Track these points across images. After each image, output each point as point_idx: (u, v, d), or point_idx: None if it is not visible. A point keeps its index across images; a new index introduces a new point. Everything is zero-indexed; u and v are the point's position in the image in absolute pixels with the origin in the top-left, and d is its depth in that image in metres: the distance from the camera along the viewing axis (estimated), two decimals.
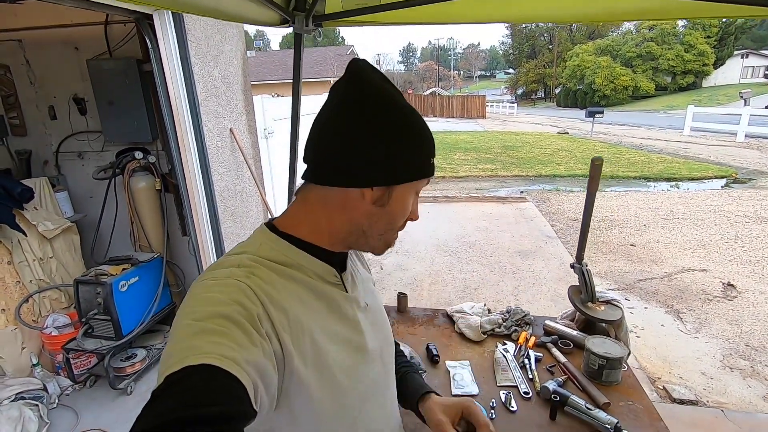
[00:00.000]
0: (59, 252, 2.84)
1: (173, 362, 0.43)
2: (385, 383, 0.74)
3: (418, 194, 0.68)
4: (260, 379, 0.47)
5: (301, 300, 0.59)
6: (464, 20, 1.41)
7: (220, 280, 0.54)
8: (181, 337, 0.47)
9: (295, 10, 1.30)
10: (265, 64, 18.78)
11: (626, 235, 5.30)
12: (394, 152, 0.60)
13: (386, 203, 0.62)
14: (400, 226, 0.67)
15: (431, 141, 0.65)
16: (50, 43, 2.97)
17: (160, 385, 0.42)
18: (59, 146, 3.18)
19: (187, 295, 0.54)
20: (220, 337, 0.46)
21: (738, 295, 3.73)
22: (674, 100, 31.70)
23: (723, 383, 2.64)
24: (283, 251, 0.62)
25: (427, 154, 0.64)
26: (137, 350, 2.70)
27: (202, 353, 0.43)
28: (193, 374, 0.42)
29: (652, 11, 1.30)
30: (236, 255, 0.61)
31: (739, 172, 8.83)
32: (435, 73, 64.97)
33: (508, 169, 9.98)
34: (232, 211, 2.83)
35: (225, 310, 0.49)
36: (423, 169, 0.64)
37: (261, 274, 0.57)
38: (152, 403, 0.40)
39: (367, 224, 0.63)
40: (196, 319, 0.48)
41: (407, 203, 0.65)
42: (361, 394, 0.66)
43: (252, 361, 0.47)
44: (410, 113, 0.62)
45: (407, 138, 0.61)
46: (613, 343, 1.28)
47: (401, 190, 0.63)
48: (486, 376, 1.28)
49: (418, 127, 0.63)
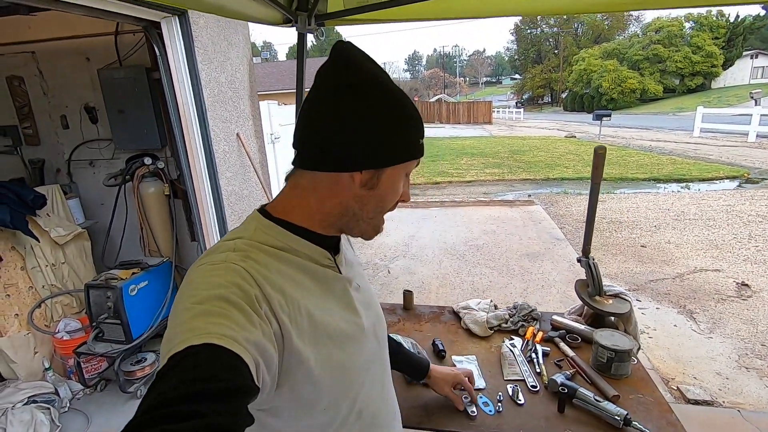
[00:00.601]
0: (71, 258, 2.88)
1: (176, 343, 0.44)
2: (380, 360, 0.76)
3: (408, 176, 0.68)
4: (261, 358, 0.48)
5: (295, 281, 0.60)
6: (466, 15, 1.42)
7: (216, 264, 0.55)
8: (182, 319, 0.48)
9: (298, 10, 1.32)
10: (272, 74, 19.01)
11: (637, 237, 5.23)
12: (382, 135, 0.60)
13: (375, 186, 0.62)
14: (389, 208, 0.67)
15: (419, 122, 0.65)
16: (62, 54, 3.05)
17: (163, 365, 0.42)
18: (71, 155, 3.24)
19: (185, 280, 0.55)
20: (220, 318, 0.47)
21: (753, 294, 3.65)
22: (683, 102, 31.39)
23: (739, 383, 2.58)
24: (277, 236, 0.63)
25: (416, 135, 0.64)
26: (147, 354, 2.71)
27: (204, 333, 0.44)
28: (196, 353, 0.42)
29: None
30: (231, 240, 0.61)
31: (752, 172, 8.69)
32: (441, 80, 65.21)
33: (515, 173, 9.94)
34: (240, 215, 2.85)
35: (223, 293, 0.50)
36: (411, 151, 0.63)
37: (256, 257, 0.58)
38: (157, 382, 0.40)
39: (357, 207, 0.64)
40: (196, 302, 0.49)
41: (397, 185, 0.65)
42: (359, 371, 0.67)
43: (252, 340, 0.47)
44: (397, 95, 0.62)
45: (394, 120, 0.61)
46: (621, 335, 1.26)
47: (390, 173, 0.62)
48: (493, 370, 1.27)
49: (404, 108, 0.62)
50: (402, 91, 0.63)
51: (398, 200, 0.68)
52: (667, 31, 34.53)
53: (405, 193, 0.68)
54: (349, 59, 0.61)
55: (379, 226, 0.69)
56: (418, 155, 0.65)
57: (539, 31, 52.22)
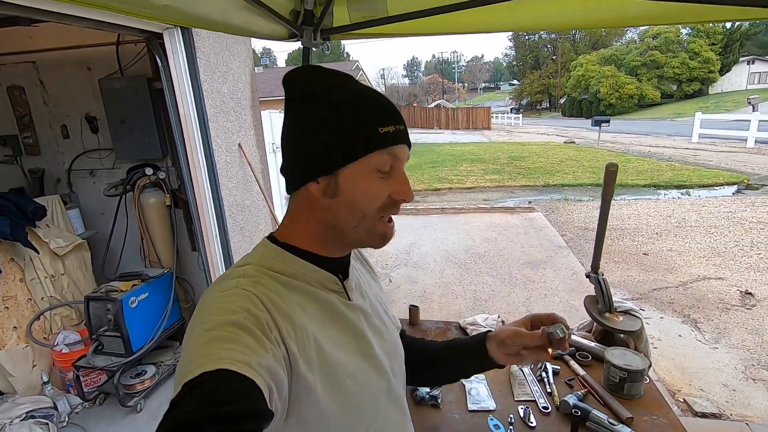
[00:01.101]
0: (70, 269, 2.85)
1: (189, 370, 0.44)
2: (394, 391, 0.71)
3: (394, 170, 0.61)
4: (273, 383, 0.48)
5: (303, 309, 0.60)
6: (471, 30, 1.41)
7: (227, 291, 0.56)
8: (195, 346, 0.48)
9: (304, 25, 1.31)
10: (272, 81, 19.05)
11: (638, 244, 5.22)
12: (326, 138, 0.58)
13: (337, 192, 0.59)
14: (377, 209, 0.60)
15: (378, 110, 0.59)
16: (63, 63, 3.04)
17: (178, 393, 0.42)
18: (71, 164, 3.23)
19: (197, 308, 0.55)
20: (232, 344, 0.47)
21: (757, 303, 3.63)
22: (681, 107, 31.54)
23: (746, 395, 2.55)
24: (284, 261, 0.63)
25: (372, 125, 0.58)
26: (147, 367, 2.68)
27: (217, 359, 0.45)
28: (210, 379, 0.43)
29: (658, 16, 1.29)
30: (241, 267, 0.62)
31: (751, 178, 8.70)
32: (439, 86, 65.51)
33: (515, 180, 9.94)
34: (242, 226, 2.83)
35: (235, 318, 0.51)
36: (367, 143, 0.58)
37: (266, 282, 0.59)
38: (173, 408, 0.40)
39: (331, 219, 0.61)
40: (208, 328, 0.50)
41: (365, 185, 0.59)
42: (371, 402, 0.65)
43: (264, 365, 0.47)
44: (346, 94, 0.59)
45: (340, 119, 0.58)
46: (633, 354, 1.24)
47: (348, 174, 0.58)
48: (503, 390, 1.25)
49: (352, 104, 0.59)
50: (358, 88, 0.61)
51: (397, 199, 0.61)
52: (664, 37, 34.78)
53: (397, 191, 0.61)
54: (290, 85, 0.62)
55: (374, 231, 0.62)
56: (379, 145, 0.58)
57: (537, 37, 52.54)
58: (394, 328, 0.78)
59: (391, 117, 0.60)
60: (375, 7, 1.29)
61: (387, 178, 0.60)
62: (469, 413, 1.14)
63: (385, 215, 0.62)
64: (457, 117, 32.27)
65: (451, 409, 1.18)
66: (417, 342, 0.90)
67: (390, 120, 0.59)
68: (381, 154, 0.58)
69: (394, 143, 0.59)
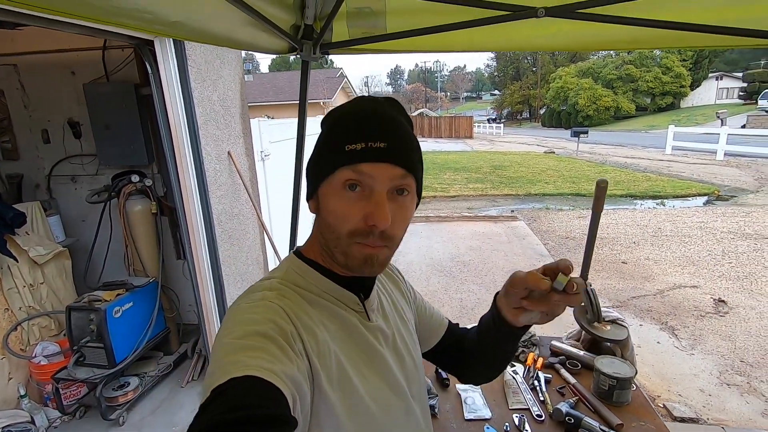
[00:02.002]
0: (50, 278, 2.77)
1: (218, 376, 0.45)
2: (414, 414, 0.69)
3: (371, 191, 0.56)
4: (297, 393, 0.49)
5: (324, 325, 0.61)
6: (467, 49, 1.45)
7: (254, 303, 0.58)
8: (223, 354, 0.49)
9: (304, 39, 1.33)
10: (255, 86, 18.96)
11: (617, 253, 5.37)
12: (312, 156, 0.63)
13: (319, 209, 0.62)
14: (347, 233, 0.57)
15: (348, 127, 0.58)
16: (46, 67, 2.97)
17: (207, 397, 0.43)
18: (52, 170, 3.15)
19: (224, 319, 0.57)
20: (259, 352, 0.49)
21: (729, 310, 3.78)
22: (654, 120, 32.70)
23: (721, 400, 2.65)
24: (307, 277, 0.64)
25: (341, 141, 0.56)
26: (130, 378, 2.62)
27: (244, 366, 0.46)
28: (238, 384, 0.44)
29: (641, 40, 1.37)
30: (267, 280, 0.64)
31: (721, 190, 9.08)
32: (422, 94, 66.18)
33: (498, 189, 10.11)
34: (230, 234, 2.80)
35: (261, 329, 0.52)
36: (333, 160, 0.57)
37: (290, 296, 0.60)
38: (202, 412, 0.41)
39: (321, 236, 0.63)
40: (236, 338, 0.51)
41: (334, 204, 0.58)
42: (389, 425, 0.64)
43: (289, 374, 0.48)
44: (336, 113, 0.62)
45: (322, 136, 0.62)
46: (621, 363, 1.29)
47: (322, 192, 0.60)
48: (497, 399, 1.28)
49: (333, 122, 0.61)
50: (355, 107, 0.61)
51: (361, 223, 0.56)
52: (638, 52, 36.05)
53: (368, 214, 0.55)
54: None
55: (350, 254, 0.58)
56: (344, 162, 0.56)
57: None
58: (417, 349, 0.77)
59: (364, 134, 0.56)
60: (374, 25, 1.32)
61: (361, 199, 0.57)
62: (466, 422, 1.17)
63: (361, 241, 0.57)
64: (440, 126, 32.65)
65: (448, 418, 1.20)
66: (467, 333, 0.85)
67: (361, 137, 0.55)
68: (345, 170, 0.56)
69: (360, 161, 0.55)
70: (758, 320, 3.58)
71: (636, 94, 36.12)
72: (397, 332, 0.72)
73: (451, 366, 0.89)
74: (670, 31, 1.24)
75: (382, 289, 0.76)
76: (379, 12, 1.31)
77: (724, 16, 1.18)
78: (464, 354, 0.84)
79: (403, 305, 0.79)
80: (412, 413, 0.69)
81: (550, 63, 49.95)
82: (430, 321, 0.86)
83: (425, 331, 0.85)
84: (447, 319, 0.88)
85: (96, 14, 0.62)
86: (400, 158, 0.57)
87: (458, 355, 0.85)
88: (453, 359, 0.87)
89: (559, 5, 1.19)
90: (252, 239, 3.16)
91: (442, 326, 0.86)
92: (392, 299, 0.77)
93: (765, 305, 3.83)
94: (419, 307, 0.85)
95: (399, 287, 0.82)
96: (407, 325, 0.76)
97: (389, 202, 0.57)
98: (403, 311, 0.77)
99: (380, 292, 0.74)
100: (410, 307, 0.82)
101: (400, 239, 0.62)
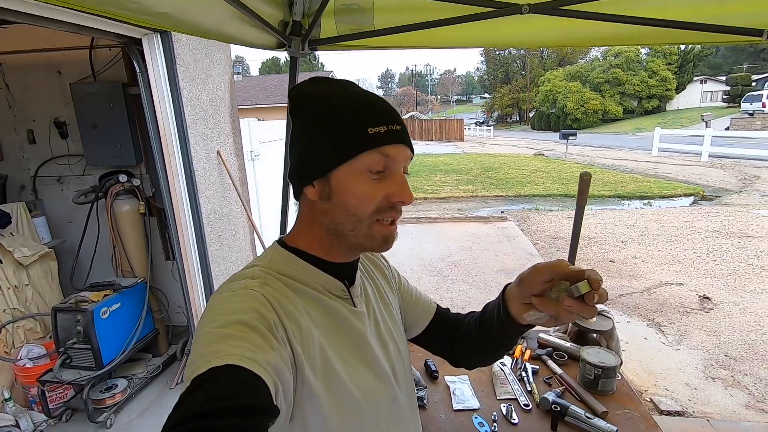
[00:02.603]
0: (35, 279, 2.73)
1: (198, 366, 0.44)
2: (400, 401, 0.69)
3: (390, 171, 0.60)
4: (280, 382, 0.48)
5: (308, 313, 0.60)
6: (451, 45, 1.48)
7: (236, 291, 0.57)
8: (204, 343, 0.49)
9: (292, 35, 1.34)
10: (246, 89, 18.88)
11: (605, 252, 5.44)
12: (317, 140, 0.60)
13: (331, 194, 0.60)
14: (372, 210, 0.59)
15: (365, 111, 0.59)
16: (32, 67, 2.94)
17: (187, 387, 0.43)
18: (37, 171, 3.11)
19: (206, 308, 0.56)
20: (240, 341, 0.48)
21: (714, 307, 3.86)
22: (641, 122, 33.23)
23: (707, 393, 2.70)
24: (291, 265, 0.64)
25: (361, 126, 0.58)
26: (118, 380, 2.58)
27: (225, 355, 0.45)
28: (219, 374, 0.43)
29: (623, 37, 1.40)
30: (250, 268, 0.63)
31: (706, 190, 9.25)
32: (413, 97, 66.47)
33: (488, 190, 10.19)
34: (219, 234, 2.79)
35: (243, 318, 0.51)
36: (356, 144, 0.57)
37: (273, 285, 0.60)
38: (181, 402, 0.41)
39: (330, 222, 0.61)
40: (217, 326, 0.50)
41: (356, 186, 0.58)
42: (374, 412, 0.64)
43: (272, 363, 0.48)
44: (334, 95, 0.61)
45: (327, 120, 0.59)
46: (606, 352, 1.31)
47: (340, 175, 0.59)
48: (486, 390, 1.29)
49: (341, 104, 0.60)
50: (353, 91, 0.62)
51: (395, 201, 0.60)
52: (625, 56, 36.67)
53: (393, 192, 0.59)
54: (296, 89, 0.65)
55: (372, 234, 0.61)
56: (369, 146, 0.57)
57: (507, 53, 54.32)
58: (402, 335, 0.77)
59: (383, 117, 0.58)
60: (362, 21, 1.34)
61: (382, 179, 0.59)
62: (454, 413, 1.18)
63: (383, 218, 0.60)
64: (431, 128, 32.82)
65: (437, 409, 1.21)
66: (460, 318, 0.85)
67: (381, 120, 0.58)
68: (371, 153, 0.57)
69: (385, 143, 0.58)
70: (741, 316, 3.65)
71: (623, 97, 36.70)
72: (382, 318, 0.72)
73: (441, 350, 0.88)
74: (650, 28, 1.28)
75: (366, 275, 0.76)
76: (367, 9, 1.32)
77: (701, 13, 1.22)
78: (457, 339, 0.83)
79: (387, 291, 0.79)
80: (398, 400, 0.69)
81: (539, 66, 50.56)
82: (416, 306, 0.85)
83: (411, 316, 0.84)
84: (435, 304, 0.88)
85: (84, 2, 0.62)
86: (409, 140, 0.62)
87: (449, 341, 0.85)
88: (443, 344, 0.86)
89: (543, 2, 1.22)
90: (242, 239, 3.15)
91: (429, 311, 0.85)
92: (376, 285, 0.77)
93: (748, 301, 3.91)
94: (405, 292, 0.84)
95: (383, 273, 0.81)
96: (392, 312, 0.76)
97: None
98: (387, 297, 0.77)
99: (364, 278, 0.74)
100: (394, 293, 0.81)
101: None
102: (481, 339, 0.78)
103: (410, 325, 0.84)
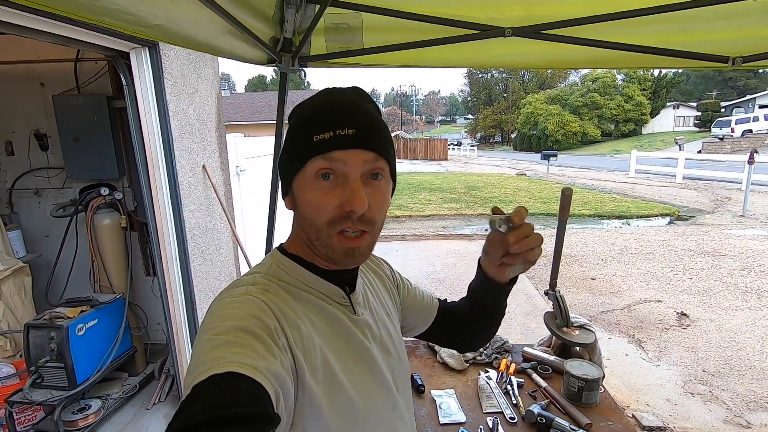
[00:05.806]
0: (8, 295, 2.63)
1: (199, 373, 0.44)
2: (399, 408, 0.69)
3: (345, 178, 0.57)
4: (281, 389, 0.48)
5: (309, 319, 0.60)
6: (437, 64, 1.53)
7: (236, 297, 0.57)
8: (204, 350, 0.48)
9: (282, 51, 1.37)
10: (231, 105, 18.88)
11: (586, 270, 5.54)
12: (283, 153, 0.63)
13: (296, 204, 0.62)
14: (326, 223, 0.58)
15: (314, 118, 0.58)
16: (12, 77, 2.91)
17: (187, 394, 0.42)
18: (14, 183, 3.03)
19: (207, 314, 0.56)
20: (241, 348, 0.48)
21: (691, 323, 3.95)
22: (618, 145, 34.38)
23: (686, 408, 2.74)
24: (292, 271, 0.64)
25: (308, 133, 0.57)
26: (91, 401, 2.48)
27: (226, 362, 0.45)
28: (219, 381, 0.43)
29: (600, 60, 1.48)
30: (250, 275, 0.63)
31: (681, 210, 9.56)
32: (398, 117, 67.43)
33: (472, 208, 10.32)
34: (203, 249, 2.75)
35: (244, 324, 0.51)
36: (303, 152, 0.58)
37: (274, 291, 0.60)
38: (181, 410, 0.40)
39: (302, 232, 0.63)
40: (217, 333, 0.50)
41: (309, 196, 0.58)
42: (374, 418, 0.64)
43: (273, 370, 0.48)
44: (302, 107, 0.63)
45: (290, 134, 0.62)
46: (589, 365, 1.33)
47: (297, 185, 0.61)
48: (472, 403, 1.29)
49: (300, 114, 0.62)
50: (321, 99, 0.62)
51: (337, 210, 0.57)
52: (602, 81, 38.14)
53: (344, 200, 0.56)
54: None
55: (331, 246, 0.59)
56: (314, 153, 0.56)
57: (489, 75, 55.92)
58: (402, 343, 0.78)
59: (331, 123, 0.56)
60: (351, 39, 1.38)
61: (335, 187, 0.57)
62: (441, 426, 1.18)
63: (345, 230, 0.58)
64: (416, 147, 33.26)
65: (423, 423, 1.21)
66: (455, 305, 0.89)
67: (327, 126, 0.56)
68: (317, 160, 0.57)
69: (331, 149, 0.56)
70: (717, 332, 3.74)
71: (601, 120, 37.98)
72: (383, 326, 0.72)
73: (446, 340, 0.91)
74: (625, 53, 1.35)
75: (367, 282, 0.76)
76: (356, 28, 1.37)
77: (671, 39, 1.30)
78: (458, 326, 0.86)
79: (387, 299, 0.79)
80: (398, 408, 0.69)
81: (520, 89, 52.05)
82: (421, 305, 0.87)
83: (418, 316, 0.86)
84: (437, 299, 0.90)
85: (80, 11, 0.63)
86: (370, 143, 0.58)
87: (452, 329, 0.88)
88: (447, 334, 0.89)
89: (524, 26, 1.28)
90: (225, 254, 3.11)
91: (434, 307, 0.87)
92: (377, 293, 0.77)
93: (723, 318, 4.01)
94: (409, 295, 0.85)
95: (383, 281, 0.82)
96: (392, 319, 0.77)
97: (364, 187, 0.57)
98: (386, 305, 0.78)
99: (365, 285, 0.75)
100: (393, 300, 0.81)
101: (381, 223, 0.63)
102: (474, 313, 0.83)
103: (417, 324, 0.87)
